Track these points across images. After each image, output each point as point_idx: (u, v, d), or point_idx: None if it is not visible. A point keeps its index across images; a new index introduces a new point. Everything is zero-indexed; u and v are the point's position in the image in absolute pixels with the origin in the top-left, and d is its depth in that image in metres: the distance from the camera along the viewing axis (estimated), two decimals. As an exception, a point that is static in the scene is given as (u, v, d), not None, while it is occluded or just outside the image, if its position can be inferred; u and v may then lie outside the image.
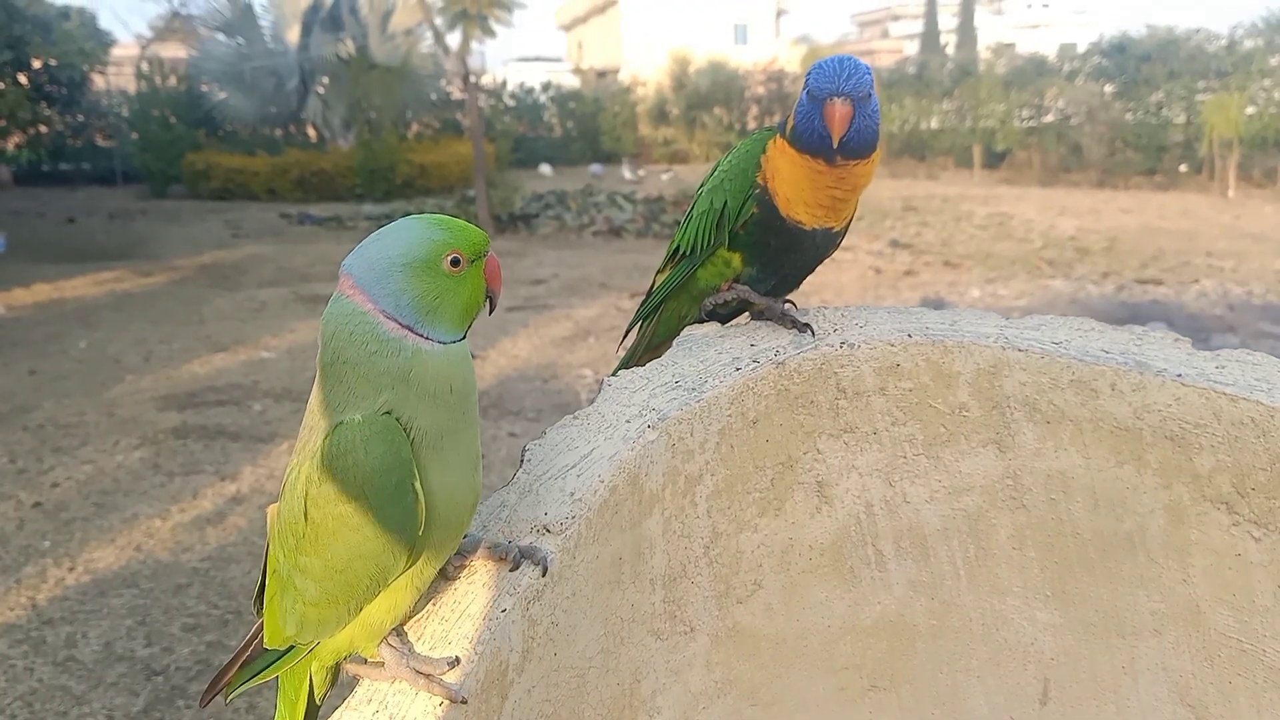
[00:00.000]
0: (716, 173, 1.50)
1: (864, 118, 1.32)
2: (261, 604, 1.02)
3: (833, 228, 1.43)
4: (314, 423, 0.92)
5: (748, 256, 1.46)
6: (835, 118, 1.30)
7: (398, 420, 0.89)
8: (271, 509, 0.98)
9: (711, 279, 1.50)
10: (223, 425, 6.04)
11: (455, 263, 0.91)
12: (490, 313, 1.00)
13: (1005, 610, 1.35)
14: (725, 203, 1.46)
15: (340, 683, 1.05)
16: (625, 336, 1.71)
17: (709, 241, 1.48)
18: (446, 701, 0.90)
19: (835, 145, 1.32)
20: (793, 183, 1.39)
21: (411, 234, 0.91)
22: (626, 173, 25.01)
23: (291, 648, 0.98)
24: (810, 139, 1.34)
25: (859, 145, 1.34)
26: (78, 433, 5.94)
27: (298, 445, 0.94)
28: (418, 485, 0.89)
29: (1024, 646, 1.36)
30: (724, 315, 1.54)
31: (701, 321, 1.53)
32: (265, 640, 0.99)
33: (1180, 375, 1.24)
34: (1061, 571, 1.33)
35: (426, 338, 0.90)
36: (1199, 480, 1.25)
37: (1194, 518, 1.26)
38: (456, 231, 0.93)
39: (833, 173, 1.36)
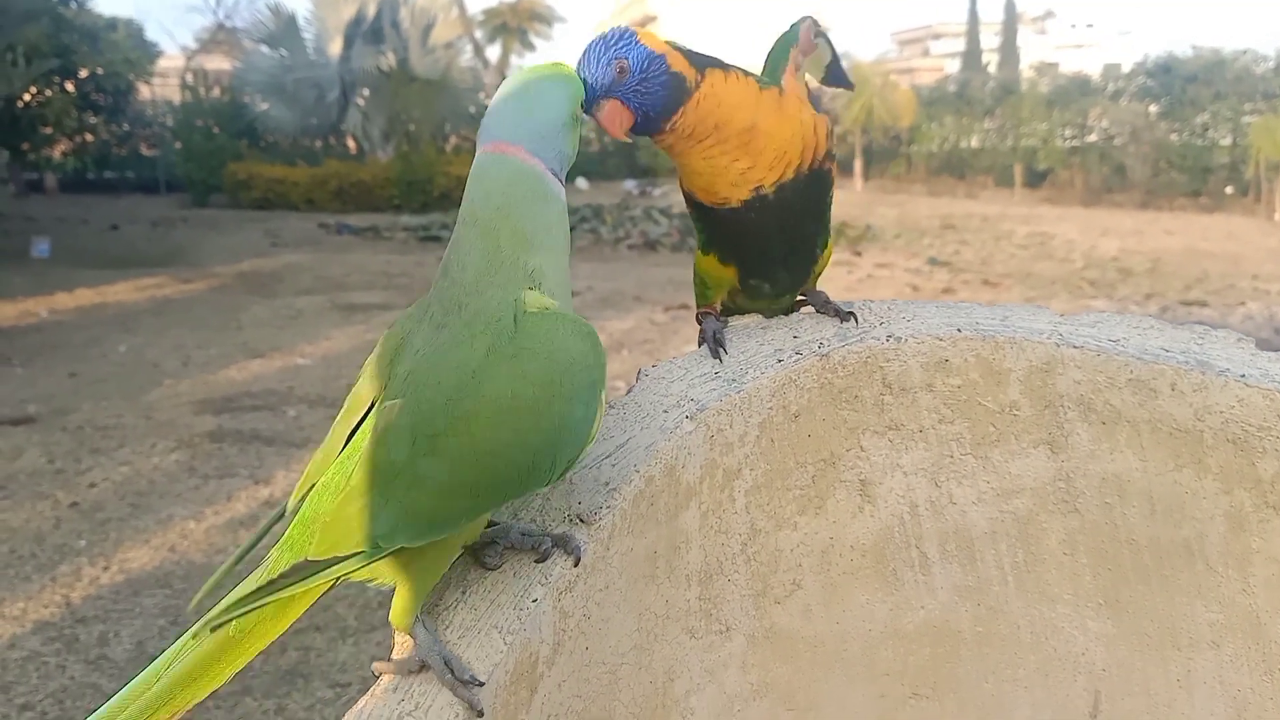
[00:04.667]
0: None
1: (634, 95, 1.13)
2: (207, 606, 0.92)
3: (762, 187, 1.21)
4: (466, 301, 0.87)
5: (721, 257, 1.33)
6: (604, 125, 1.12)
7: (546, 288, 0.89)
8: (391, 404, 0.86)
9: (709, 294, 1.38)
10: (258, 430, 6.07)
11: (585, 105, 0.99)
12: None
13: (1055, 618, 1.30)
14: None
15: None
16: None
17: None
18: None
19: (630, 140, 1.19)
20: (687, 170, 1.24)
21: (557, 92, 0.96)
22: (635, 189, 25.01)
23: (343, 558, 0.86)
24: (634, 135, 1.18)
25: (658, 110, 1.15)
26: (115, 435, 5.99)
27: (421, 333, 0.88)
28: (605, 397, 0.87)
29: (1074, 657, 1.30)
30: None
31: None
32: (317, 552, 0.86)
33: (1244, 376, 1.19)
34: (1115, 579, 1.27)
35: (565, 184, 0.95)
36: (1262, 486, 1.19)
37: (1256, 525, 1.20)
38: (574, 78, 1.00)
39: (674, 138, 1.18)
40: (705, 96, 1.17)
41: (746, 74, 1.23)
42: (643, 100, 1.13)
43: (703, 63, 1.19)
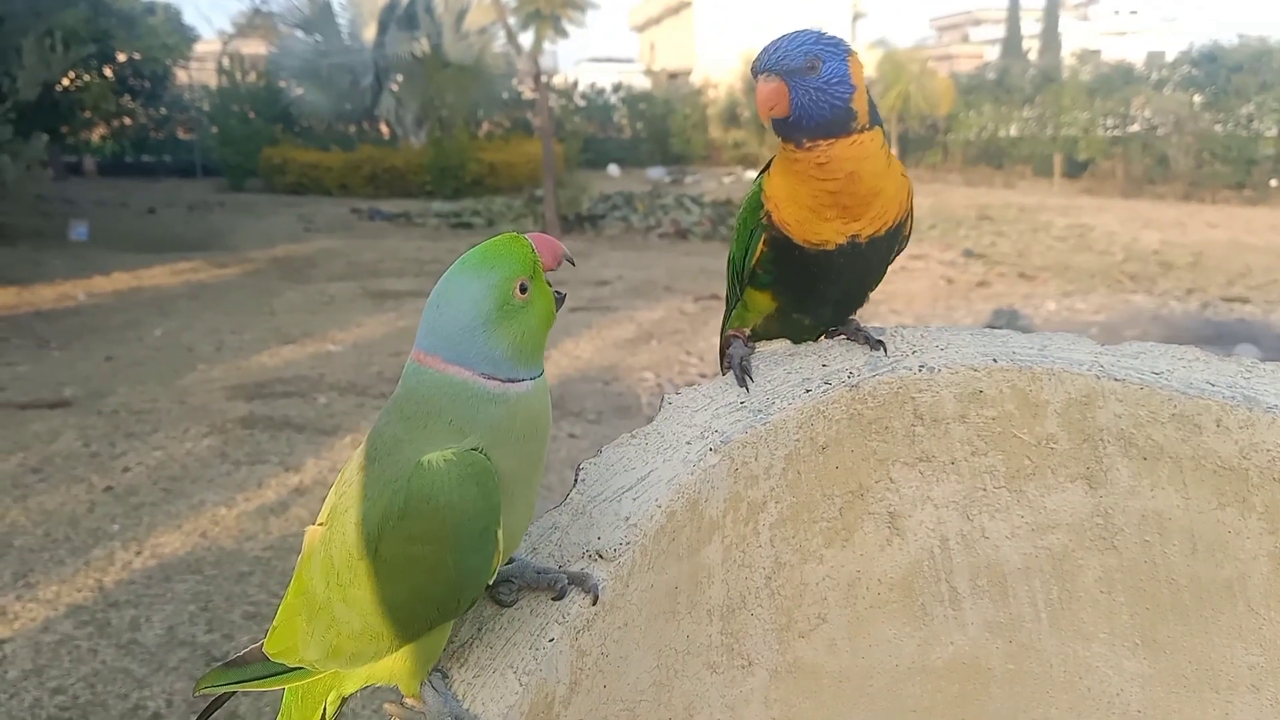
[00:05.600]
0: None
1: (804, 92, 1.19)
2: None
3: (858, 237, 1.26)
4: (381, 454, 0.87)
5: (776, 293, 1.36)
6: (759, 97, 1.19)
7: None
8: (312, 531, 0.93)
9: (748, 318, 1.42)
10: (289, 416, 6.11)
11: (523, 289, 0.87)
12: (559, 305, 0.94)
13: (1089, 657, 1.26)
14: (732, 254, 1.39)
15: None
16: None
17: (736, 291, 1.42)
18: None
19: (768, 126, 1.22)
20: (790, 196, 1.27)
21: (472, 288, 0.86)
22: (666, 177, 24.80)
23: (299, 668, 0.94)
24: (774, 126, 1.23)
25: (812, 123, 1.20)
26: (150, 419, 6.06)
27: (351, 472, 0.90)
28: (500, 534, 0.86)
29: (1109, 697, 1.26)
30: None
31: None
32: (267, 648, 0.94)
33: (1293, 413, 1.14)
34: (1153, 618, 1.23)
35: (521, 380, 0.88)
36: (1310, 527, 1.14)
37: (1302, 567, 1.16)
38: (506, 258, 0.88)
39: (808, 158, 1.22)
40: (858, 143, 1.22)
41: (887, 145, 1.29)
42: (808, 104, 1.19)
43: (876, 118, 1.25)
